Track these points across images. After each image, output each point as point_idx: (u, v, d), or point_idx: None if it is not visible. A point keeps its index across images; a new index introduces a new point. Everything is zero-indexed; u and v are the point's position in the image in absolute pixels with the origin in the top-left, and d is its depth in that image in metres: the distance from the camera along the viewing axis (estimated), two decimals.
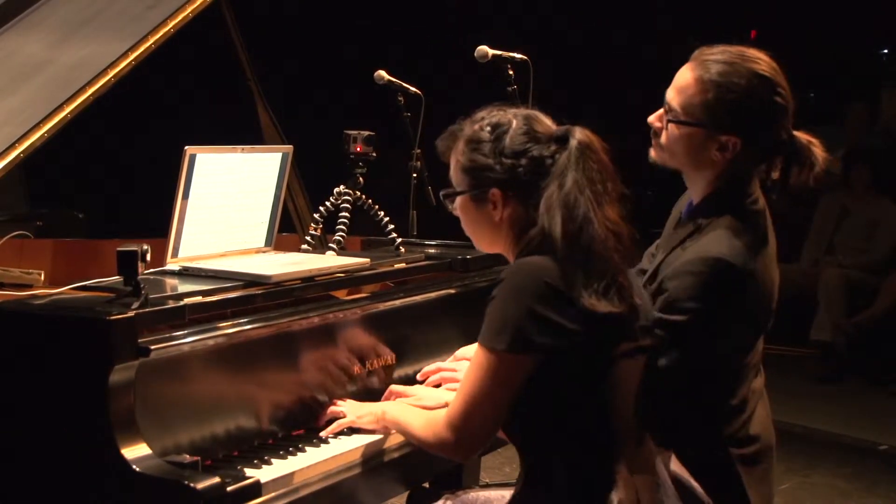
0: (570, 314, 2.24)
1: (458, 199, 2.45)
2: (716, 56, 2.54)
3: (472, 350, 2.88)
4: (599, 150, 2.35)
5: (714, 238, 2.51)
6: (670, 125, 2.58)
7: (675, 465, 2.48)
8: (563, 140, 2.34)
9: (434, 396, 2.78)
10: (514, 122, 2.39)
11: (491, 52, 3.60)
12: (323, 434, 2.63)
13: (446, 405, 2.72)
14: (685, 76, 2.56)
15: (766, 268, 2.56)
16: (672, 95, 2.57)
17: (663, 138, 2.60)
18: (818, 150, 2.57)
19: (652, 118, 2.63)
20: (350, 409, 2.69)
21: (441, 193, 2.50)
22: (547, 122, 2.41)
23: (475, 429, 2.32)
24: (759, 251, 2.54)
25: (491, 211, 2.39)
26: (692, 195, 2.67)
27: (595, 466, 2.31)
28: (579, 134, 2.34)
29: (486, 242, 2.47)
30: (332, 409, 2.71)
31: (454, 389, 2.82)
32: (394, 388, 2.85)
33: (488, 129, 2.40)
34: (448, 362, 2.94)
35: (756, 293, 2.53)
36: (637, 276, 2.53)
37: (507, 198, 2.38)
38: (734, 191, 2.57)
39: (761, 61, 2.53)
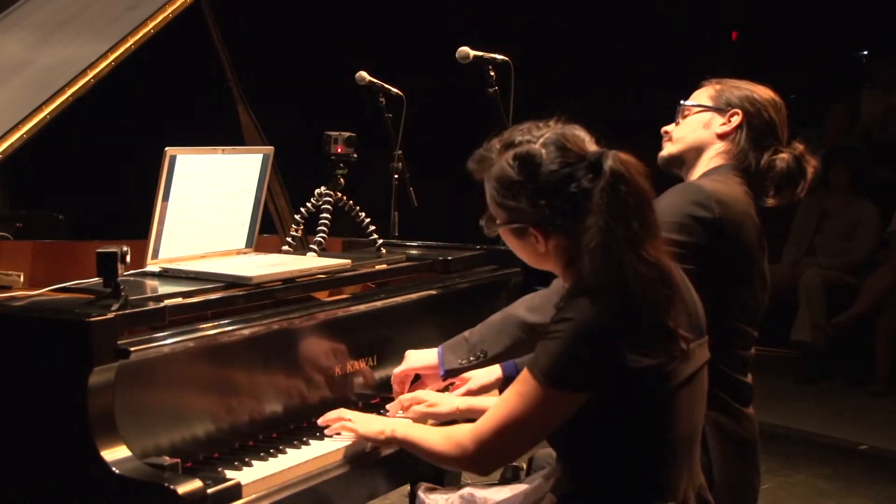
0: (618, 361, 2.16)
1: (499, 228, 2.33)
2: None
3: (420, 354, 2.87)
4: (635, 176, 2.17)
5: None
6: (683, 117, 2.86)
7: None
8: (597, 167, 2.18)
9: (447, 402, 2.75)
10: (545, 154, 2.22)
11: (472, 53, 3.61)
12: (320, 421, 2.63)
13: (457, 410, 2.73)
14: (700, 88, 2.90)
15: (740, 205, 2.68)
16: (688, 100, 2.89)
17: (674, 130, 2.86)
18: (810, 166, 2.78)
19: (666, 127, 2.89)
20: (357, 418, 2.60)
21: (481, 222, 2.37)
22: (580, 141, 2.25)
23: (504, 450, 2.30)
24: (737, 198, 2.69)
25: (534, 244, 2.28)
26: None
27: (631, 489, 2.25)
28: (611, 161, 2.16)
29: (533, 264, 2.36)
30: (340, 411, 2.65)
31: (465, 394, 2.82)
32: (404, 398, 2.78)
33: (517, 165, 2.23)
34: (400, 369, 2.90)
35: (730, 222, 2.63)
36: None
37: (548, 233, 2.26)
38: (729, 164, 2.79)
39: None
